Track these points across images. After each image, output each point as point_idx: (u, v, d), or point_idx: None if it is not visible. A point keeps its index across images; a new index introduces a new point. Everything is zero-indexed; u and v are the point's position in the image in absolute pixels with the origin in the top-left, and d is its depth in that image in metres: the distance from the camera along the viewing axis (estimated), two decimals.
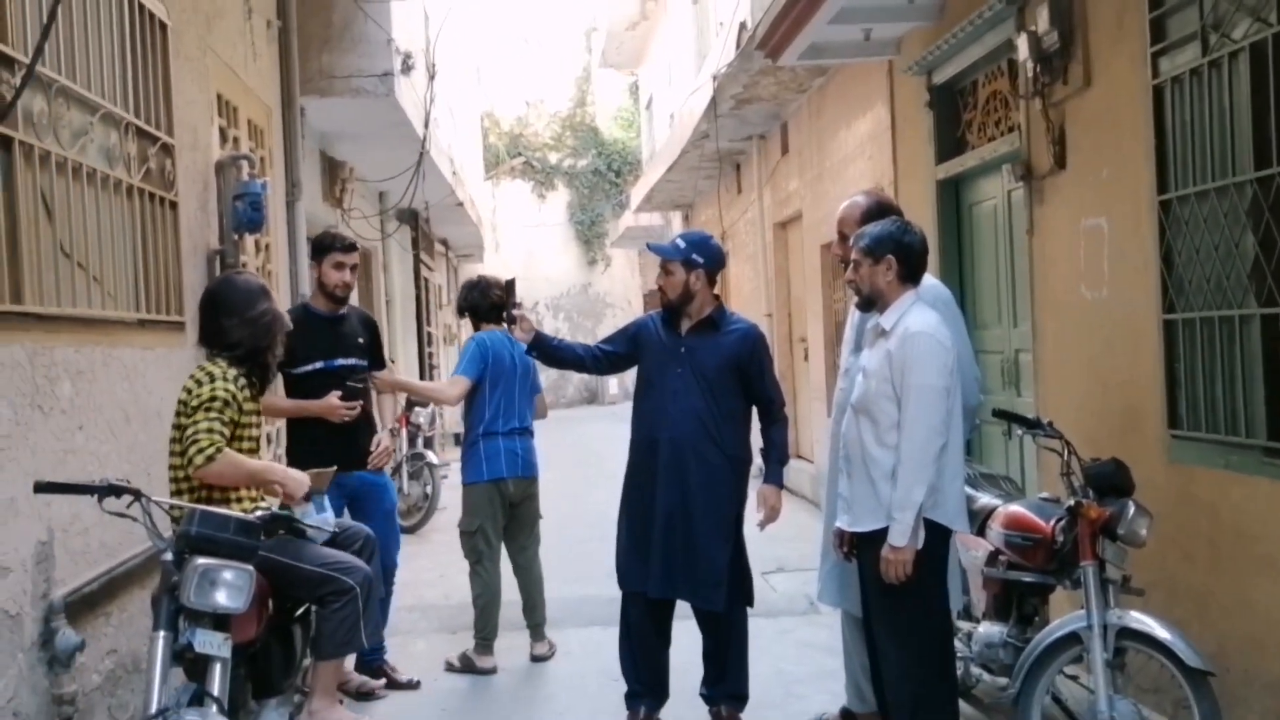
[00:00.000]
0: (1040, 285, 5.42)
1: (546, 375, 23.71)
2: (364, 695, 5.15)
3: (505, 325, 4.72)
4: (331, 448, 4.99)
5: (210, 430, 3.53)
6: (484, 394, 5.73)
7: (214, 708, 3.14)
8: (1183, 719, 3.88)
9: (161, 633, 3.14)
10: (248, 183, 5.31)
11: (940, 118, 6.74)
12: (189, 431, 3.54)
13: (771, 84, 9.35)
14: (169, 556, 3.22)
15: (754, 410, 4.68)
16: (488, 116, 24.50)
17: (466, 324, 6.25)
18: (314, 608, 3.88)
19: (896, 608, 3.79)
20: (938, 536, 3.76)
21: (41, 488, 3.12)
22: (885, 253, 3.82)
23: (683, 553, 4.51)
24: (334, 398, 5.11)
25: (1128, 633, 3.77)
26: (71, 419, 3.73)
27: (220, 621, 3.23)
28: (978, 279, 6.51)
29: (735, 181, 13.26)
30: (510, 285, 4.79)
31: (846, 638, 4.52)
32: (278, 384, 5.33)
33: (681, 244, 4.59)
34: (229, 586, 3.16)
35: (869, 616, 4.01)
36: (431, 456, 10.22)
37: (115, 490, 3.19)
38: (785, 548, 7.88)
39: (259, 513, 3.43)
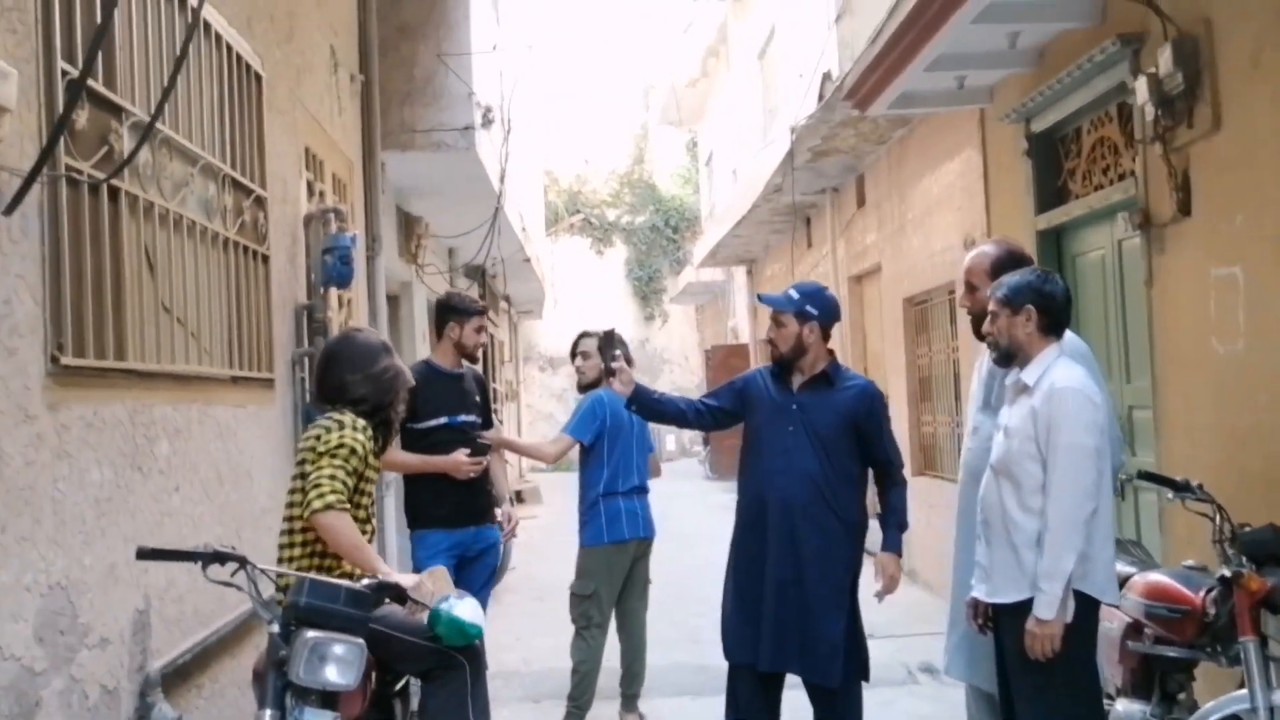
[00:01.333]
0: (1161, 338, 5.14)
1: None
2: None
3: (605, 378, 4.52)
4: (450, 501, 5.18)
5: (334, 478, 3.34)
6: (601, 452, 5.58)
7: None
8: None
9: (269, 711, 2.93)
10: (337, 236, 5.19)
11: (1039, 166, 6.50)
12: (312, 477, 3.36)
13: (851, 136, 9.18)
14: (276, 629, 3.02)
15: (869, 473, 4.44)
16: (547, 174, 24.58)
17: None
18: (416, 681, 3.67)
19: (1042, 686, 3.50)
20: (1087, 609, 3.48)
21: (145, 554, 2.95)
22: (1025, 303, 3.59)
23: (796, 623, 4.25)
24: (461, 454, 5.15)
25: None
26: (169, 480, 3.57)
27: (328, 699, 3.02)
28: (1084, 333, 6.22)
29: (805, 235, 13.07)
30: (609, 336, 4.60)
31: (973, 713, 4.23)
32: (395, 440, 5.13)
33: (795, 295, 4.39)
34: (340, 662, 2.96)
35: (1006, 693, 3.72)
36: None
37: (221, 557, 3.01)
38: (873, 614, 7.55)
39: (365, 580, 3.23)
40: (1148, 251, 5.22)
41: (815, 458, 4.27)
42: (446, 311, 5.47)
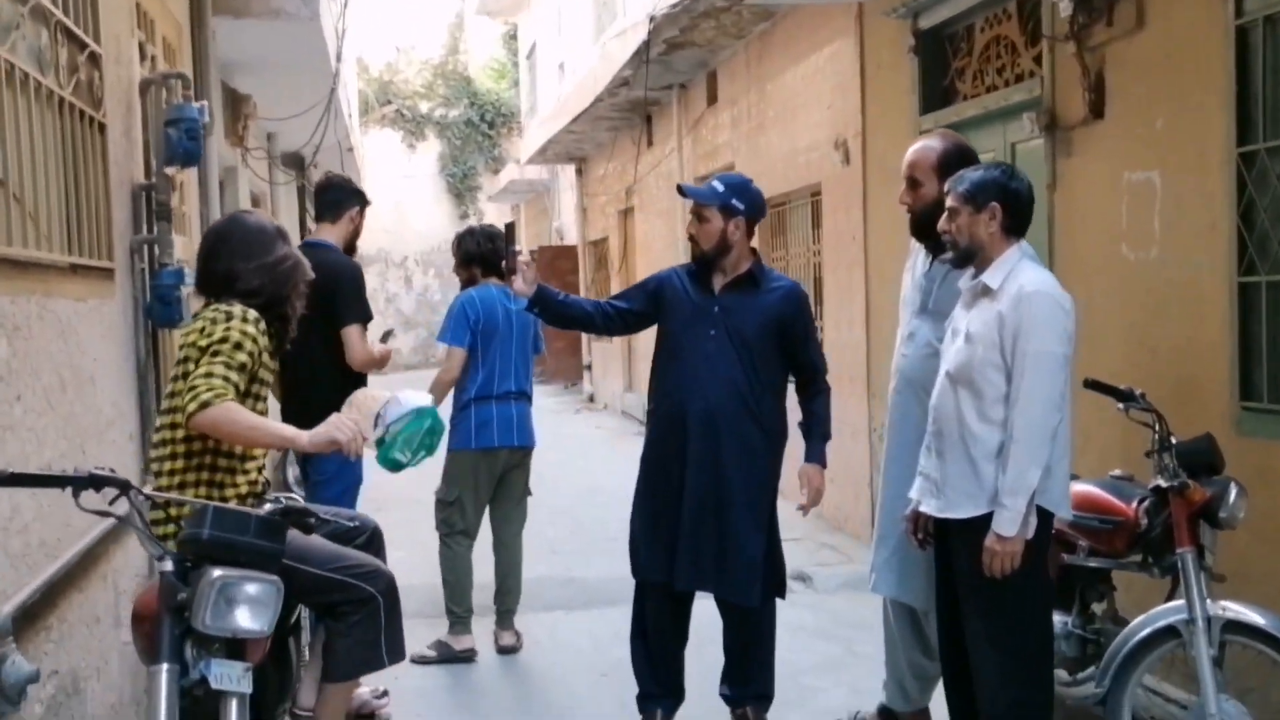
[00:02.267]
0: (1064, 245, 5.04)
1: (415, 334, 22.82)
2: (365, 717, 4.42)
3: (506, 272, 4.06)
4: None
5: (210, 374, 2.83)
6: (475, 356, 5.22)
7: None
8: None
9: (165, 666, 2.45)
10: (183, 105, 4.48)
11: (926, 65, 6.30)
12: (190, 377, 2.84)
13: (710, 28, 8.80)
14: (169, 567, 2.52)
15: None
16: (357, 61, 23.21)
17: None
18: (315, 616, 3.21)
19: (997, 605, 3.34)
20: (1043, 524, 3.32)
21: (3, 480, 2.38)
22: (989, 200, 3.33)
23: (715, 541, 3.97)
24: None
25: (1233, 626, 3.42)
26: (10, 387, 2.95)
27: (235, 647, 2.55)
28: None
29: (646, 133, 12.67)
30: (510, 230, 4.13)
31: (893, 631, 4.07)
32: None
33: (720, 187, 4.02)
34: (253, 604, 2.49)
35: (950, 613, 3.55)
36: None
37: (99, 481, 2.48)
38: None
39: (268, 505, 2.74)
40: (1052, 154, 5.08)
41: (739, 364, 3.96)
42: (351, 195, 5.05)
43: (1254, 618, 3.40)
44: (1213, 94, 4.12)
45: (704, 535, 3.97)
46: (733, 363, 3.96)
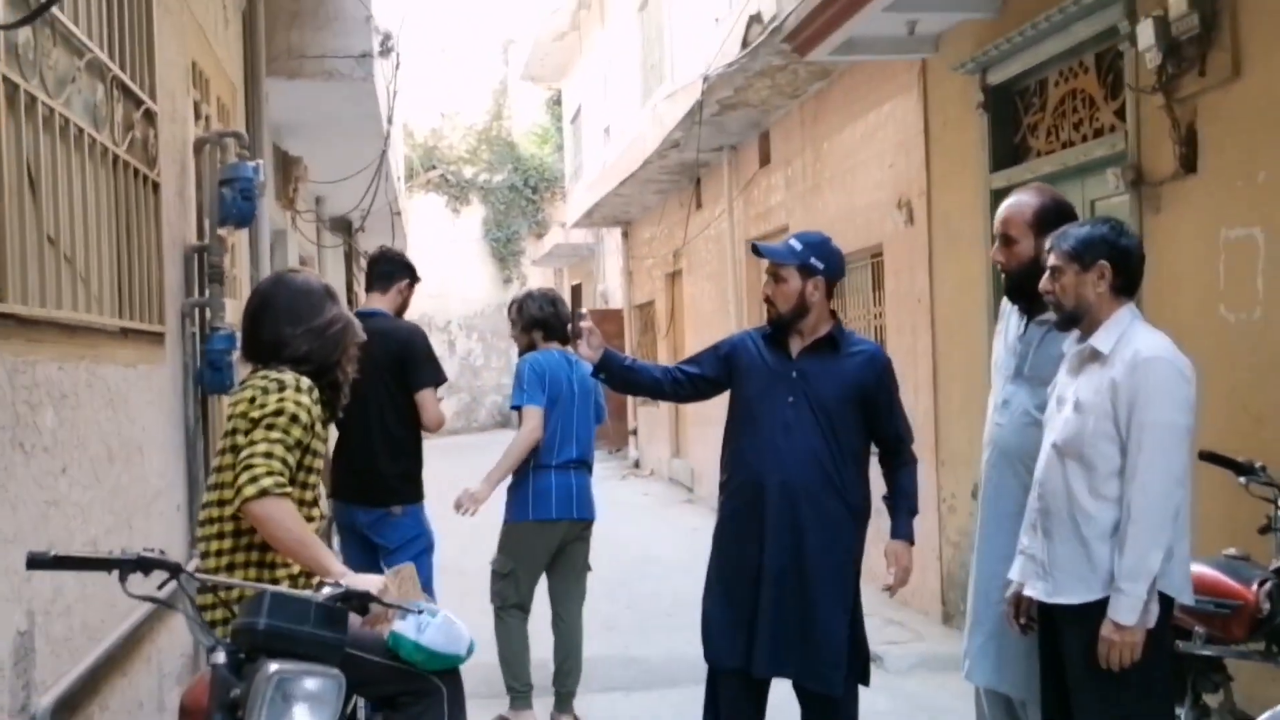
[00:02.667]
0: (1155, 307, 4.75)
1: (458, 399, 22.50)
2: None
3: (569, 341, 3.87)
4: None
5: (270, 455, 2.64)
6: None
7: None
8: None
9: None
10: (238, 165, 4.38)
11: (995, 121, 6.10)
12: (244, 454, 2.64)
13: (765, 88, 8.66)
14: (221, 659, 2.30)
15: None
16: (402, 126, 23.42)
17: None
18: (372, 705, 2.97)
19: (1114, 699, 3.04)
20: (1165, 612, 3.03)
21: (42, 563, 2.19)
22: (1098, 258, 3.10)
23: (797, 624, 3.71)
24: None
25: None
26: (55, 459, 2.77)
27: None
28: None
29: (694, 195, 12.53)
30: (575, 294, 3.94)
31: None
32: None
33: (798, 245, 3.81)
34: (314, 701, 2.26)
35: (1057, 705, 3.26)
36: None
37: (146, 564, 2.27)
38: None
39: (326, 589, 2.52)
40: (1138, 211, 4.84)
41: (819, 433, 3.72)
42: (402, 268, 5.25)
43: None
44: None
45: (785, 618, 3.71)
46: (812, 432, 3.72)
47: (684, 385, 3.97)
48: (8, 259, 2.46)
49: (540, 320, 5.14)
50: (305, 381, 2.82)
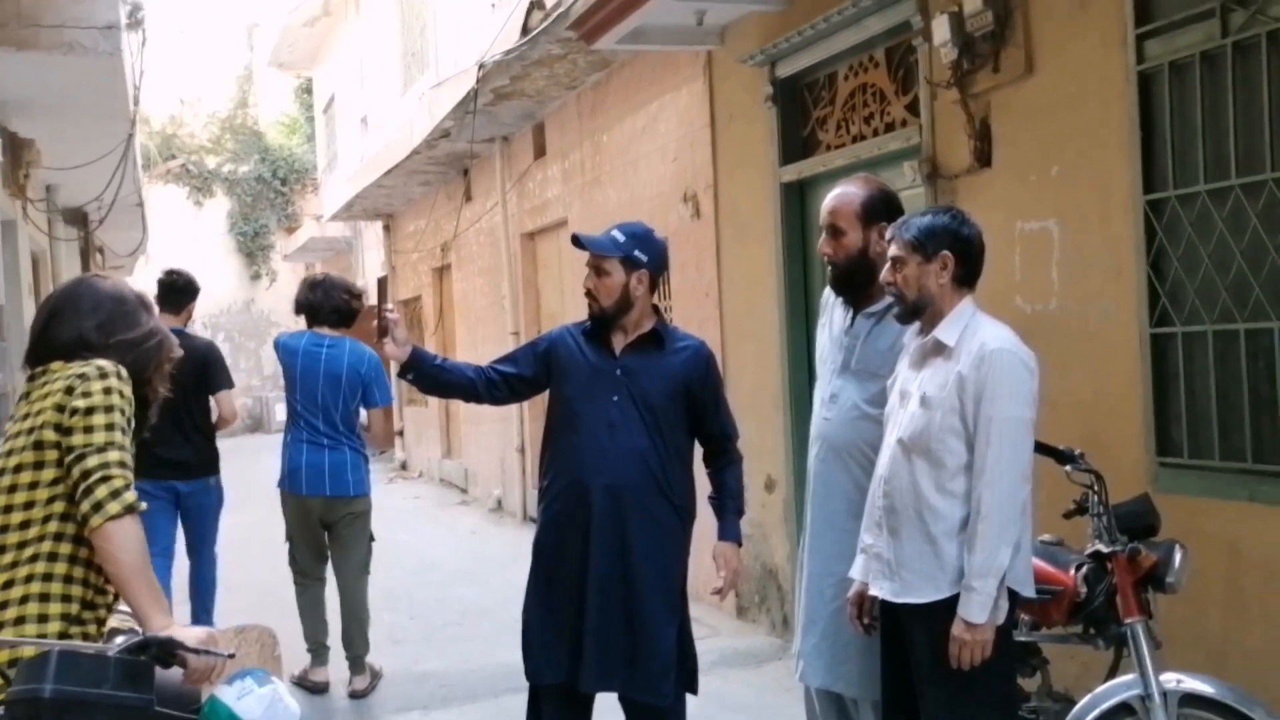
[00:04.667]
0: None
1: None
2: None
3: (376, 334, 3.55)
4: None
5: (124, 464, 2.29)
6: (290, 397, 5.60)
7: None
8: None
9: None
10: None
11: (784, 114, 6.10)
12: (92, 459, 2.26)
13: (542, 78, 8.43)
14: None
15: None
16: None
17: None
18: None
19: (963, 696, 3.00)
20: (1012, 606, 3.01)
21: None
22: (940, 248, 3.05)
23: (624, 634, 3.52)
24: None
25: (1190, 699, 3.19)
26: None
27: None
28: None
29: (463, 188, 12.16)
30: (382, 286, 3.61)
31: None
32: None
33: (620, 237, 3.61)
34: None
35: (898, 703, 3.20)
36: None
37: None
38: None
39: (119, 638, 2.13)
40: (934, 204, 4.91)
41: (645, 433, 3.54)
42: (193, 293, 5.95)
43: (1210, 689, 3.19)
44: (1114, 141, 4.00)
45: (612, 628, 3.51)
46: (639, 431, 3.54)
47: (499, 385, 3.71)
48: None
49: (304, 306, 5.60)
50: (124, 371, 2.42)
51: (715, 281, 6.89)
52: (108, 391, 2.34)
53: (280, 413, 23.74)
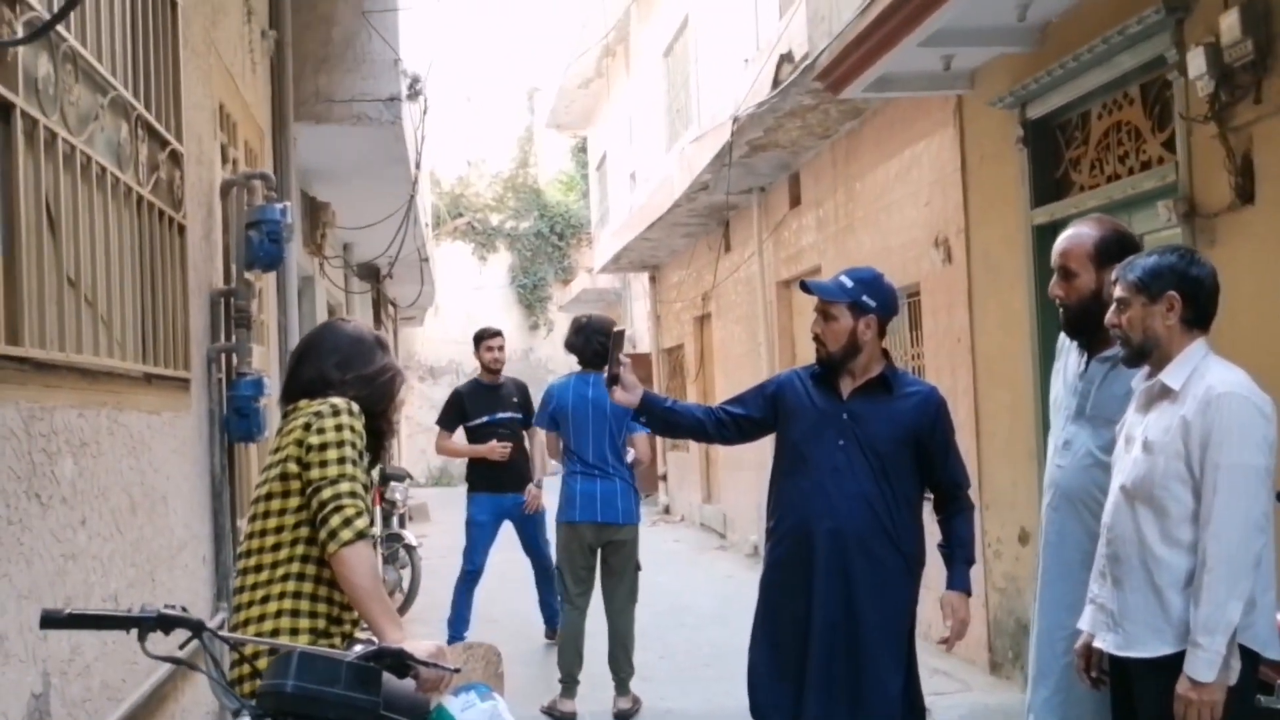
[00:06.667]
0: (1215, 341, 4.57)
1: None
2: None
3: (607, 382, 3.74)
4: (497, 473, 7.15)
5: (355, 495, 2.55)
6: (564, 435, 5.96)
7: None
8: None
9: None
10: (266, 207, 4.28)
11: (1036, 156, 5.95)
12: (325, 491, 2.52)
13: (795, 128, 8.56)
14: None
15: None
16: (429, 174, 23.49)
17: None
18: None
19: None
20: (1248, 666, 2.83)
21: (56, 622, 2.05)
22: (1166, 289, 2.93)
23: (848, 677, 3.53)
24: (494, 442, 7.13)
25: None
26: (74, 510, 2.65)
27: None
28: None
29: (722, 238, 12.43)
30: (618, 337, 3.81)
31: None
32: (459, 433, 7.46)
33: (848, 282, 3.66)
34: None
35: None
36: (409, 537, 9.08)
37: (167, 623, 2.13)
38: None
39: (358, 647, 2.37)
40: (1193, 244, 4.66)
41: (871, 478, 3.56)
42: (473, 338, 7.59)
43: None
44: None
45: (836, 671, 3.53)
46: (864, 477, 3.56)
47: (728, 426, 3.82)
48: (24, 300, 2.35)
49: (570, 348, 6.09)
50: (355, 407, 2.69)
51: (968, 327, 6.76)
52: (339, 428, 2.59)
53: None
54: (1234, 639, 2.75)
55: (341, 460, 2.55)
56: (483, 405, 7.25)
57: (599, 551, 5.87)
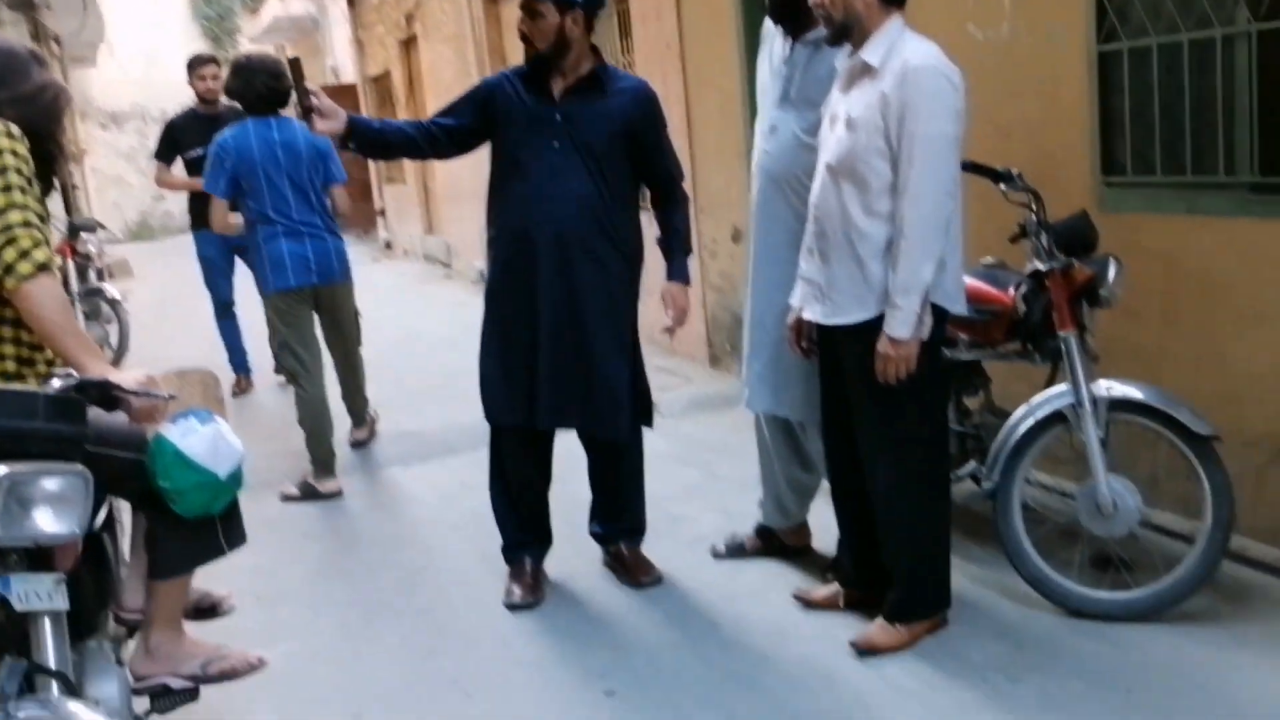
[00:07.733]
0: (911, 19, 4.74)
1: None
2: (205, 611, 3.80)
3: (299, 117, 3.47)
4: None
5: (29, 224, 2.27)
6: (251, 193, 5.16)
7: (57, 687, 2.01)
8: (1167, 492, 3.54)
9: None
10: None
11: None
12: None
13: None
14: None
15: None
16: None
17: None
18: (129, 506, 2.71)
19: (891, 414, 3.12)
20: (939, 323, 3.09)
21: None
22: None
23: (576, 372, 3.62)
24: None
25: (1118, 404, 3.33)
26: None
27: (39, 557, 2.07)
28: None
29: None
30: (295, 65, 3.50)
31: (768, 447, 3.86)
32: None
33: None
34: (56, 503, 2.00)
35: (838, 424, 3.33)
36: (111, 290, 8.54)
37: None
38: None
39: (56, 381, 2.21)
40: None
41: (588, 177, 3.54)
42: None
43: (1137, 394, 3.32)
44: None
45: (564, 368, 3.61)
46: (581, 176, 3.54)
47: (440, 139, 3.67)
48: None
49: (231, 94, 5.34)
50: (16, 129, 2.39)
51: (676, 32, 6.73)
52: (5, 153, 2.31)
53: None
54: (926, 298, 2.98)
55: (7, 188, 2.28)
56: (197, 136, 6.65)
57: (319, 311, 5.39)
